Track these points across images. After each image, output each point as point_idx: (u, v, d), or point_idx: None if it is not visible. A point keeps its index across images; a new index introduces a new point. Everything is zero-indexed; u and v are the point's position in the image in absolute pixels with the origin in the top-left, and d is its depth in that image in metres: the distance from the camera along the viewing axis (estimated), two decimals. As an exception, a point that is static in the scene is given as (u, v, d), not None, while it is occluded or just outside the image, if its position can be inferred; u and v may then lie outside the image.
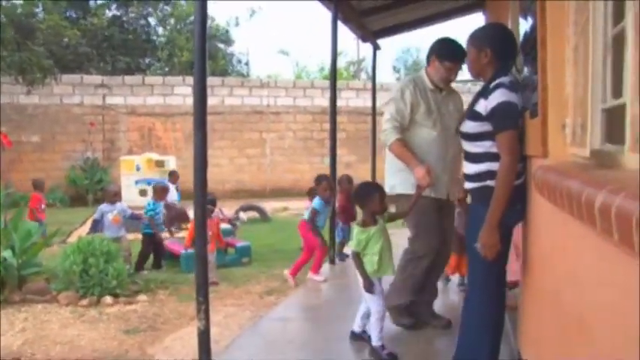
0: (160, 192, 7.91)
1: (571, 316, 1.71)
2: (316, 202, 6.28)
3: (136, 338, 4.81)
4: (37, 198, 9.37)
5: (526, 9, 3.04)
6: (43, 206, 9.58)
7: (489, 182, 2.84)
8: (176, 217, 9.39)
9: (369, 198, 3.72)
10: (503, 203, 2.73)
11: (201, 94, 3.54)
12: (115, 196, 7.69)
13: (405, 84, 4.13)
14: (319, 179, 6.42)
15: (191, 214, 7.64)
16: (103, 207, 7.32)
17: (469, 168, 3.01)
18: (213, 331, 3.99)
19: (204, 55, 3.53)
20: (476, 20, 8.75)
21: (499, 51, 2.93)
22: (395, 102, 4.04)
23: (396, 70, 32.65)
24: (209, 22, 20.88)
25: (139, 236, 7.76)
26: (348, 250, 6.57)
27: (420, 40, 49.47)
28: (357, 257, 3.71)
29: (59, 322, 5.23)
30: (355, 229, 3.78)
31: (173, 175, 11.04)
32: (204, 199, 3.65)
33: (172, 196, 9.79)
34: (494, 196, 2.74)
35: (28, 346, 4.64)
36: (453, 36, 4.12)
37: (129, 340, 4.78)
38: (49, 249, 7.34)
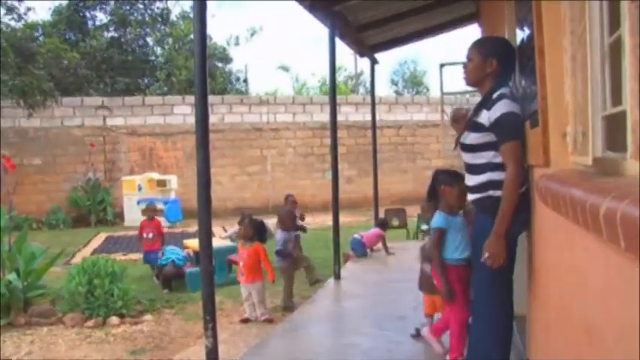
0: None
1: (580, 325, 1.71)
2: (436, 216, 3.69)
3: (143, 358, 4.80)
4: (143, 224, 8.29)
5: (522, 19, 3.07)
6: (149, 235, 8.04)
7: (492, 192, 2.85)
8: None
9: None
10: (510, 213, 2.74)
11: (202, 115, 3.57)
12: (293, 222, 6.98)
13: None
14: (444, 176, 3.71)
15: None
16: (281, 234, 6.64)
17: (472, 179, 3.02)
18: (220, 348, 3.98)
19: (204, 74, 3.56)
20: (472, 32, 8.82)
21: (504, 64, 2.96)
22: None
23: (394, 82, 32.80)
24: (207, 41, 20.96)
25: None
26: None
27: (417, 52, 49.63)
28: None
29: (65, 344, 5.22)
30: None
31: (288, 201, 8.87)
32: (208, 217, 3.66)
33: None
34: (501, 207, 2.75)
35: (35, 370, 4.64)
36: (450, 48, 4.07)
37: (135, 360, 4.77)
38: (54, 271, 7.33)
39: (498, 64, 2.95)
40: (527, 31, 2.86)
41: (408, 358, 4.03)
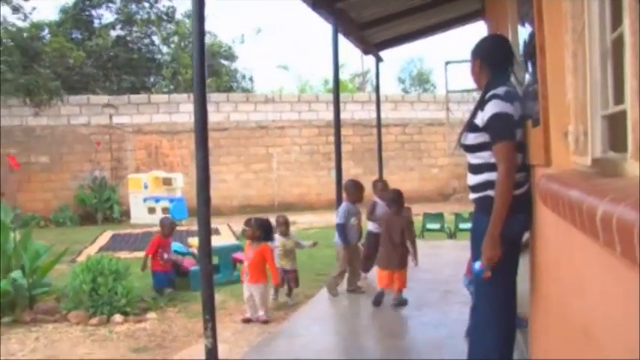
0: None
1: (578, 327, 1.68)
2: None
3: (145, 356, 4.80)
4: (155, 241, 7.04)
5: (524, 16, 3.04)
6: (165, 255, 6.99)
7: (490, 192, 2.85)
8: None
9: None
10: (503, 213, 2.72)
11: (201, 114, 3.55)
12: (359, 192, 6.24)
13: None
14: None
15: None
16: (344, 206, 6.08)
17: (471, 179, 3.02)
18: (222, 347, 3.97)
19: (203, 73, 3.54)
20: (478, 29, 8.78)
21: (487, 60, 3.02)
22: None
23: (401, 80, 32.66)
24: (212, 39, 21.02)
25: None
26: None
27: (424, 50, 49.52)
28: None
29: (69, 342, 5.23)
30: None
31: (378, 186, 7.18)
32: (207, 215, 3.64)
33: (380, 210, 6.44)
34: (494, 207, 2.74)
35: (38, 368, 4.64)
36: (457, 46, 4.11)
37: (138, 358, 4.77)
38: (59, 268, 7.34)
39: (482, 61, 3.03)
40: (528, 29, 2.83)
41: (408, 357, 4.01)
